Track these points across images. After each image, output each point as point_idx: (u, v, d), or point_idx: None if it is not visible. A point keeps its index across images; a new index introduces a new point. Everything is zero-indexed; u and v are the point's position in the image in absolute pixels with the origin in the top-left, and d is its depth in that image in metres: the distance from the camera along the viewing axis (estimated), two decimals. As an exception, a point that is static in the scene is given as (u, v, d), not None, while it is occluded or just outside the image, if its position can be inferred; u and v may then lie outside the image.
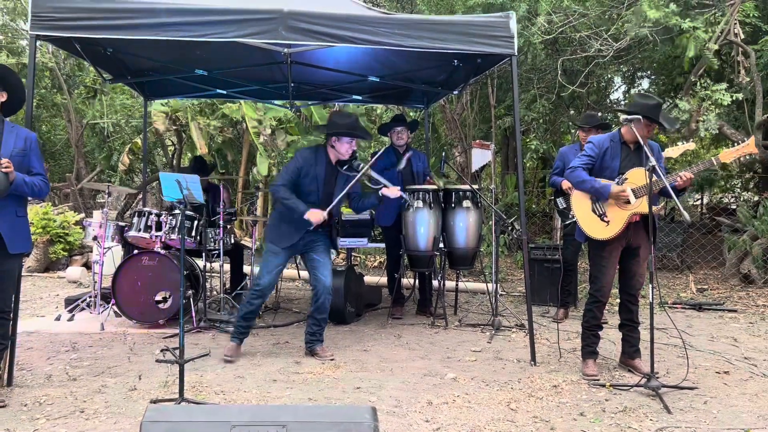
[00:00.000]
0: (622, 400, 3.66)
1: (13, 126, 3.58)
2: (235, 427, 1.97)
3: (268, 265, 4.47)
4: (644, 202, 3.93)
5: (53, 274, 8.74)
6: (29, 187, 3.49)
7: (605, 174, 4.10)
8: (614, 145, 4.14)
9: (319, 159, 4.53)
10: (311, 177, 4.47)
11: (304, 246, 4.55)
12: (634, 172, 4.01)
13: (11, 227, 3.46)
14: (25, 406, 3.47)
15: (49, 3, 3.98)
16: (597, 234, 4.06)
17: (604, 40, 7.53)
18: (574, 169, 4.13)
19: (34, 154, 3.59)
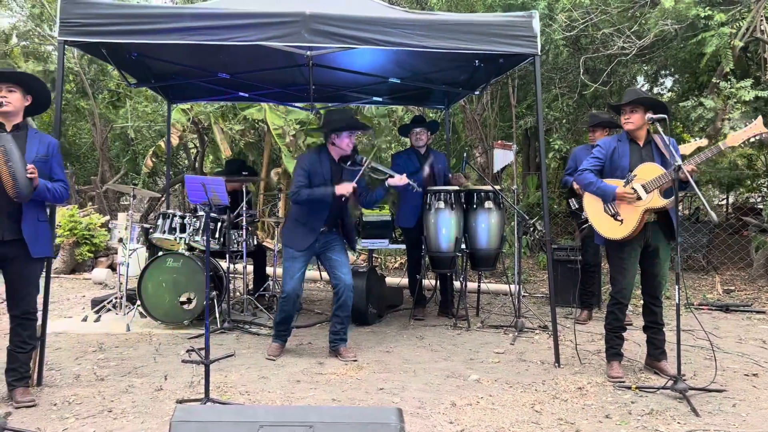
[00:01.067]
0: (648, 403, 3.62)
1: (36, 132, 3.64)
2: (263, 428, 1.98)
3: (289, 270, 4.53)
4: (656, 197, 3.90)
5: (79, 275, 8.87)
6: (51, 193, 3.54)
7: (617, 174, 4.07)
8: (622, 145, 4.11)
9: (323, 159, 4.58)
10: (318, 176, 4.53)
11: (321, 247, 4.59)
12: (642, 168, 3.98)
13: (34, 232, 3.51)
14: (54, 406, 3.53)
15: (76, 9, 4.05)
16: (613, 234, 4.02)
17: (627, 37, 7.45)
18: (581, 172, 4.13)
19: (55, 161, 3.65)
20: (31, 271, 3.58)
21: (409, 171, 5.79)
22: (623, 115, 4.08)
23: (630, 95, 4.04)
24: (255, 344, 4.97)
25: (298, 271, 4.52)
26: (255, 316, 5.93)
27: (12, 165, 3.24)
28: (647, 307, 4.18)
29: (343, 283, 4.53)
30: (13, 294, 3.56)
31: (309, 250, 4.56)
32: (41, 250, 3.57)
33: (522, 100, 10.38)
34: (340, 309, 4.56)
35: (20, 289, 3.55)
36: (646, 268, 4.15)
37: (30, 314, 3.60)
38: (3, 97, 3.43)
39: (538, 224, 5.59)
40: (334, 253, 4.60)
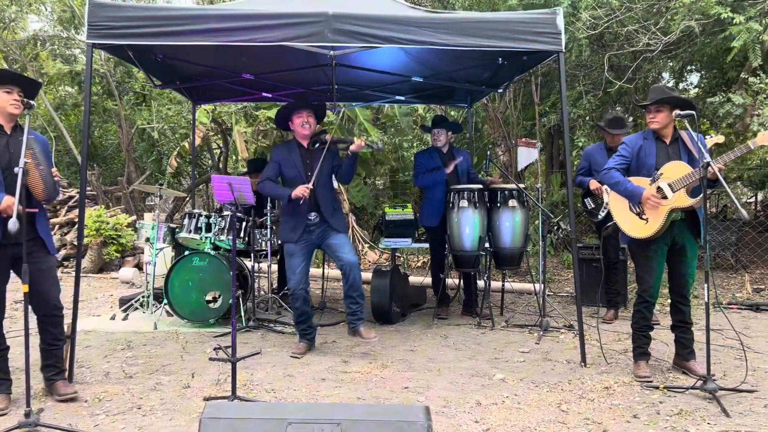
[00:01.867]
0: (677, 403, 3.57)
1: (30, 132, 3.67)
2: (291, 425, 2.00)
3: (290, 267, 4.61)
4: (683, 196, 3.84)
5: (107, 274, 9.02)
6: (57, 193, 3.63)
7: (643, 172, 4.02)
8: (648, 143, 4.06)
9: (291, 146, 4.74)
10: (290, 165, 4.65)
11: (318, 238, 4.65)
12: (669, 166, 3.92)
13: (46, 230, 3.62)
14: (85, 402, 3.60)
15: (104, 12, 4.11)
16: (638, 233, 3.98)
17: (653, 34, 7.35)
18: (608, 171, 4.08)
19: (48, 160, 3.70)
20: (49, 266, 3.64)
21: (430, 167, 5.81)
22: (648, 114, 4.02)
23: (655, 94, 3.98)
24: (280, 342, 5.00)
25: (298, 266, 4.58)
26: (279, 315, 5.97)
27: (43, 168, 3.30)
28: (675, 306, 4.12)
29: (346, 262, 4.56)
30: (37, 293, 3.54)
31: (304, 243, 4.61)
32: (53, 247, 3.68)
33: (545, 97, 10.30)
34: (351, 288, 4.60)
35: (42, 286, 3.55)
36: (674, 267, 4.10)
37: (57, 310, 3.68)
38: (16, 99, 3.51)
39: (562, 223, 5.55)
40: (332, 238, 4.64)
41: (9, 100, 3.48)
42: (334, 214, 4.70)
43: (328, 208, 4.66)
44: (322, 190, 4.65)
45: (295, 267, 4.58)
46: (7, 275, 3.55)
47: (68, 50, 14.40)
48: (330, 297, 7.01)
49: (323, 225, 4.64)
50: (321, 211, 4.63)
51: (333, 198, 4.77)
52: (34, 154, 3.29)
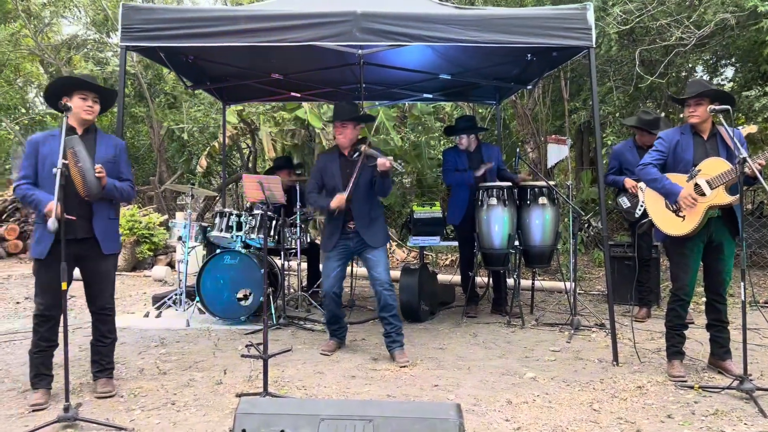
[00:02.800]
0: (712, 403, 3.51)
1: (104, 134, 3.81)
2: (324, 421, 2.02)
3: (325, 270, 4.61)
4: (721, 193, 3.76)
5: (140, 273, 9.18)
6: (119, 191, 3.70)
7: (679, 168, 3.94)
8: (685, 138, 3.98)
9: (333, 156, 4.66)
10: (330, 174, 4.58)
11: (357, 247, 4.55)
12: (707, 163, 3.84)
13: (104, 230, 3.68)
14: (121, 397, 3.67)
15: (137, 15, 4.20)
16: (675, 230, 3.91)
17: (686, 27, 7.21)
18: (644, 166, 4.00)
19: (123, 161, 3.81)
20: (104, 267, 3.74)
21: (458, 168, 5.78)
22: (688, 108, 3.94)
23: (695, 87, 3.91)
24: (310, 340, 5.04)
25: (333, 270, 4.54)
26: (309, 313, 6.01)
27: (81, 165, 3.38)
28: (711, 304, 4.04)
29: (377, 282, 4.46)
30: (90, 291, 3.75)
31: (341, 249, 4.55)
32: (111, 247, 3.73)
33: (575, 94, 10.18)
34: (383, 310, 4.47)
35: (95, 286, 3.73)
36: (710, 265, 4.02)
37: (107, 309, 3.78)
38: (90, 106, 3.65)
39: (593, 220, 5.48)
40: (369, 252, 4.52)
41: (83, 106, 3.62)
42: (370, 227, 4.53)
43: (363, 220, 4.51)
44: (358, 201, 4.49)
45: (330, 271, 4.54)
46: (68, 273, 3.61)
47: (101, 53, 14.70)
48: (359, 295, 7.03)
49: (359, 237, 4.54)
50: (356, 223, 4.50)
51: (371, 209, 4.57)
52: (75, 152, 3.37)
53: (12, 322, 5.76)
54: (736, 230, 3.90)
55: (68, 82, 3.66)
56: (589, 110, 8.93)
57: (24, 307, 6.56)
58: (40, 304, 3.57)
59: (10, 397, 3.69)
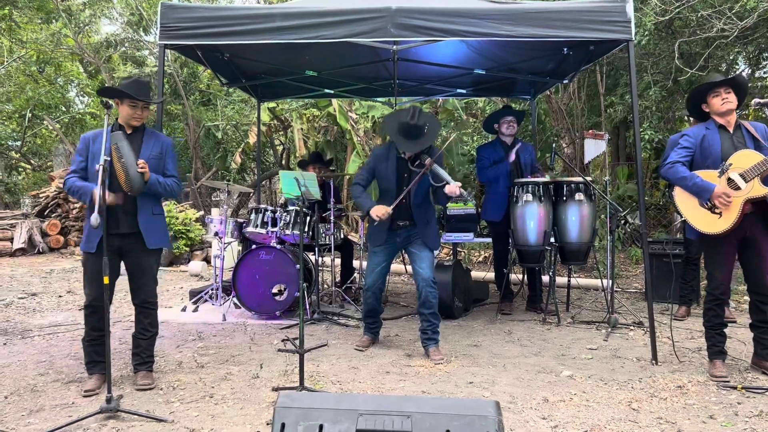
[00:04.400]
0: (756, 404, 3.42)
1: (152, 132, 3.89)
2: (362, 416, 2.02)
3: (370, 265, 4.58)
4: (757, 185, 3.65)
5: (176, 268, 9.35)
6: (162, 187, 3.78)
7: (708, 163, 3.84)
8: (711, 132, 3.87)
9: (390, 156, 4.46)
10: (384, 176, 4.46)
11: (403, 242, 4.53)
12: (739, 155, 3.73)
13: (148, 224, 3.75)
14: (161, 390, 3.74)
15: (175, 14, 4.27)
16: (712, 228, 3.78)
17: (728, 18, 7.02)
18: (672, 165, 3.90)
19: (169, 158, 3.89)
20: (147, 261, 3.82)
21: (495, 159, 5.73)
22: (717, 98, 3.83)
23: (719, 76, 3.83)
24: (344, 335, 5.07)
25: (378, 265, 4.53)
26: (342, 308, 6.05)
27: (124, 161, 3.46)
28: (754, 305, 3.93)
29: (421, 278, 4.39)
30: (133, 284, 3.84)
31: (388, 245, 4.52)
32: (156, 241, 3.81)
33: (611, 88, 10.00)
34: (423, 306, 4.42)
35: (138, 279, 3.82)
36: (748, 263, 3.90)
37: (149, 303, 3.86)
38: (139, 115, 3.76)
39: (629, 217, 5.38)
40: (415, 247, 4.48)
41: (133, 114, 3.73)
42: (428, 227, 4.48)
43: (422, 221, 4.46)
44: (417, 206, 4.43)
45: (374, 266, 4.53)
46: (114, 265, 3.69)
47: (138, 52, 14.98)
48: (391, 291, 7.04)
49: (413, 230, 4.46)
50: (416, 224, 4.44)
51: (427, 210, 4.51)
52: (118, 147, 3.45)
53: (55, 316, 5.91)
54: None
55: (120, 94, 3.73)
56: (626, 105, 8.76)
57: (66, 301, 6.73)
58: (89, 295, 3.68)
59: (54, 388, 3.79)
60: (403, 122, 4.29)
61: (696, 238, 3.98)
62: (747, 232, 3.81)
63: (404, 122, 4.28)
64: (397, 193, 4.38)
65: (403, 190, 4.35)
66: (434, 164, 4.29)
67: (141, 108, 3.74)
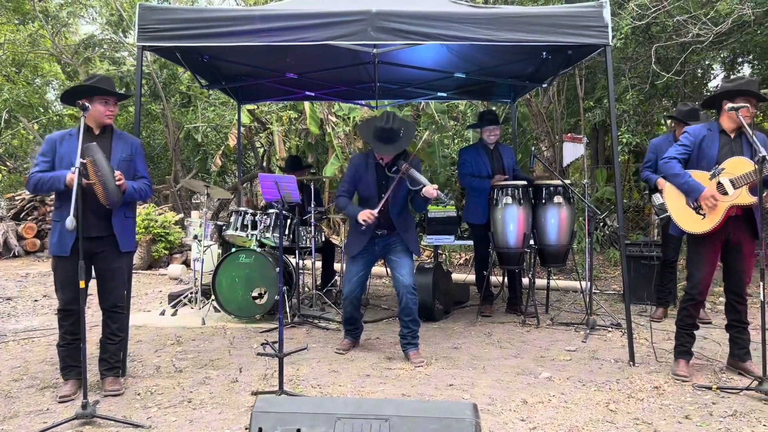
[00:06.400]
0: (731, 404, 3.47)
1: (121, 133, 3.85)
2: (340, 419, 2.02)
3: (347, 273, 4.57)
4: (744, 193, 3.72)
5: (155, 271, 9.26)
6: (138, 193, 3.77)
7: (702, 164, 3.90)
8: (712, 135, 3.93)
9: (369, 164, 4.49)
10: (364, 183, 4.48)
11: (382, 250, 4.54)
12: (732, 162, 3.79)
13: (121, 227, 3.72)
14: (138, 395, 3.70)
15: (153, 15, 4.23)
16: (694, 228, 3.86)
17: (703, 24, 7.13)
18: (668, 160, 3.95)
19: (139, 159, 3.86)
20: (118, 265, 3.78)
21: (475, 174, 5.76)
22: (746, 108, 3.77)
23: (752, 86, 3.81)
24: (324, 338, 5.05)
25: (356, 274, 4.52)
26: (323, 311, 6.03)
27: (102, 175, 3.41)
28: (730, 304, 4.00)
29: (401, 284, 4.39)
30: (102, 288, 3.79)
31: (366, 254, 4.52)
32: (128, 245, 3.78)
33: (590, 92, 10.11)
34: (403, 312, 4.42)
35: (108, 283, 3.77)
36: (729, 265, 3.97)
37: (118, 308, 3.81)
38: (111, 110, 3.71)
39: (608, 219, 5.44)
40: (395, 254, 4.49)
41: (105, 111, 3.68)
42: (408, 232, 4.49)
43: (401, 227, 4.47)
44: (396, 212, 4.46)
45: (352, 275, 4.52)
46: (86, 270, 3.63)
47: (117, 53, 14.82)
48: (373, 294, 7.04)
49: (393, 237, 4.47)
50: (397, 231, 4.45)
51: (407, 218, 4.54)
52: (94, 161, 3.39)
53: (30, 320, 5.83)
54: (755, 230, 3.86)
55: (89, 89, 3.69)
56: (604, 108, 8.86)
57: (42, 305, 6.64)
58: (62, 299, 3.63)
59: (29, 394, 3.73)
60: (378, 127, 4.33)
61: (678, 234, 4.04)
62: (731, 234, 3.88)
63: (379, 127, 4.32)
64: (379, 199, 4.39)
65: (383, 196, 4.36)
66: (411, 168, 4.32)
67: (113, 104, 3.70)
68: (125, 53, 14.96)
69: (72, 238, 3.49)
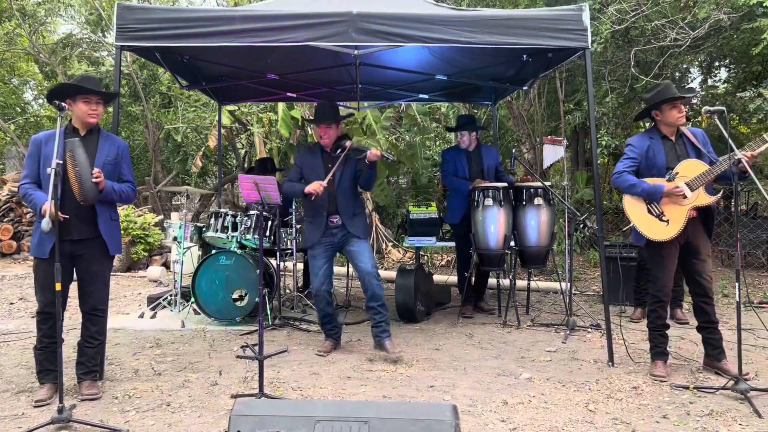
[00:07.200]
0: (707, 403, 3.52)
1: (108, 135, 3.80)
2: (319, 422, 2.01)
3: (312, 269, 4.65)
4: (702, 194, 3.80)
5: (135, 273, 9.16)
6: (117, 194, 3.70)
7: (653, 172, 3.96)
8: (655, 142, 4.01)
9: (315, 151, 4.74)
10: (311, 169, 4.66)
11: (340, 242, 4.63)
12: (685, 165, 3.86)
13: (109, 231, 3.68)
14: (116, 399, 3.66)
15: (132, 15, 4.18)
16: (659, 235, 3.90)
17: (680, 28, 7.23)
18: (620, 175, 4.01)
19: (124, 162, 3.81)
20: (100, 268, 3.73)
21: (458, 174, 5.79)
22: (675, 110, 3.92)
23: (672, 90, 3.95)
24: (306, 341, 5.03)
25: (320, 268, 4.59)
26: (305, 313, 6.00)
27: (78, 170, 3.37)
28: (698, 306, 4.04)
29: (364, 271, 4.52)
30: (83, 290, 3.74)
31: (325, 245, 4.60)
32: (115, 248, 3.75)
33: (570, 94, 10.20)
34: (371, 299, 4.53)
35: (89, 285, 3.72)
36: (689, 268, 4.02)
37: (99, 311, 3.76)
38: (94, 109, 3.65)
39: (588, 221, 5.49)
40: (353, 245, 4.62)
41: (87, 110, 3.63)
42: (354, 219, 4.65)
43: (347, 213, 4.62)
44: (343, 195, 4.62)
45: (317, 269, 4.59)
46: (66, 271, 3.59)
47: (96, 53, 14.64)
48: (354, 296, 7.02)
49: (345, 229, 4.62)
50: (340, 215, 4.61)
51: (355, 203, 4.71)
52: (72, 155, 3.35)
53: (6, 323, 5.73)
54: (710, 231, 3.94)
55: (72, 88, 3.64)
56: (584, 111, 8.94)
57: (18, 308, 6.53)
58: (41, 302, 3.58)
59: (3, 398, 3.67)
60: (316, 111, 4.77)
61: (642, 244, 4.07)
62: (689, 236, 3.94)
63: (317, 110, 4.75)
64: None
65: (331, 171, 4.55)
66: (353, 144, 4.60)
67: (95, 103, 3.65)
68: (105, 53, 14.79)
69: (51, 240, 3.44)
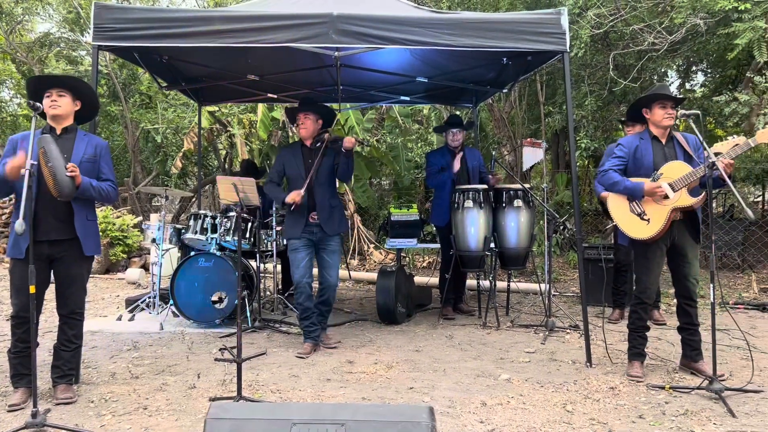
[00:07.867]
0: (683, 403, 3.56)
1: (86, 134, 3.75)
2: (296, 425, 2.01)
3: (294, 261, 4.73)
4: (684, 196, 3.85)
5: (113, 275, 9.05)
6: (96, 191, 3.63)
7: (641, 173, 4.01)
8: (644, 143, 4.05)
9: (296, 147, 4.87)
10: (292, 164, 4.78)
11: (318, 241, 4.74)
12: (669, 166, 3.92)
13: (84, 230, 3.62)
14: (92, 403, 3.61)
15: (109, 15, 4.14)
16: (640, 234, 3.96)
17: (658, 33, 7.32)
18: (605, 173, 4.07)
19: (104, 161, 3.76)
20: (79, 271, 3.68)
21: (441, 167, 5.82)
22: (664, 110, 3.98)
23: (665, 90, 3.99)
24: (285, 343, 5.01)
25: (302, 260, 4.67)
26: (285, 315, 5.98)
27: (52, 165, 3.32)
28: (681, 308, 4.10)
29: (328, 284, 4.76)
30: (61, 294, 3.68)
31: (307, 239, 4.70)
32: (92, 248, 3.69)
33: (550, 97, 10.28)
34: (322, 304, 4.79)
35: (67, 288, 3.66)
36: (676, 269, 4.07)
37: (76, 314, 3.71)
38: (54, 101, 3.58)
39: (568, 223, 5.53)
40: (327, 254, 4.77)
41: (48, 103, 3.57)
42: (331, 215, 4.75)
43: (324, 209, 4.72)
44: (320, 189, 4.73)
45: (299, 261, 4.68)
46: (43, 274, 3.56)
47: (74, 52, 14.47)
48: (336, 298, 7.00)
49: (322, 230, 4.73)
50: (318, 212, 4.70)
51: (331, 198, 4.81)
52: (45, 151, 3.31)
53: (-20, 326, 5.63)
54: (697, 234, 3.99)
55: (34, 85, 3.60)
56: (564, 114, 9.02)
57: (-7, 311, 6.42)
58: (16, 305, 3.52)
59: (-24, 403, 3.61)
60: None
61: (627, 243, 4.13)
62: (675, 238, 3.99)
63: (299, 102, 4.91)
64: (305, 178, 4.68)
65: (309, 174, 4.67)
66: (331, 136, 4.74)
67: (56, 95, 3.58)
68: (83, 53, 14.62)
69: (28, 241, 3.39)
